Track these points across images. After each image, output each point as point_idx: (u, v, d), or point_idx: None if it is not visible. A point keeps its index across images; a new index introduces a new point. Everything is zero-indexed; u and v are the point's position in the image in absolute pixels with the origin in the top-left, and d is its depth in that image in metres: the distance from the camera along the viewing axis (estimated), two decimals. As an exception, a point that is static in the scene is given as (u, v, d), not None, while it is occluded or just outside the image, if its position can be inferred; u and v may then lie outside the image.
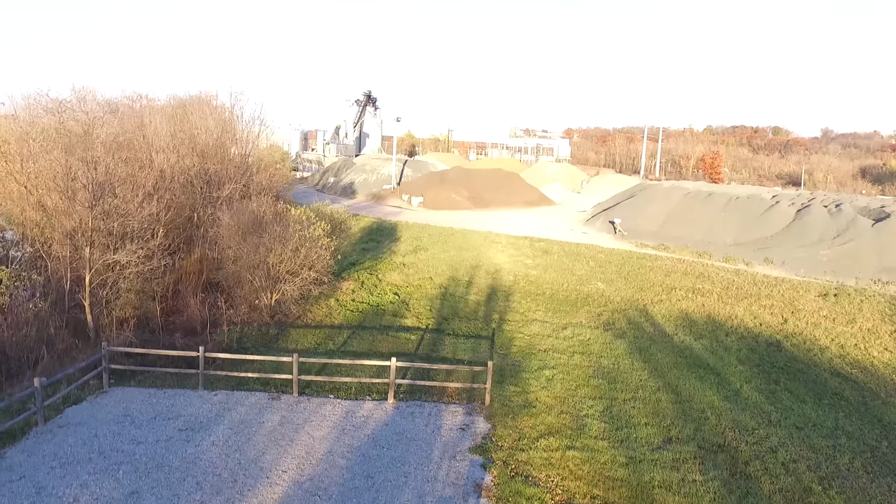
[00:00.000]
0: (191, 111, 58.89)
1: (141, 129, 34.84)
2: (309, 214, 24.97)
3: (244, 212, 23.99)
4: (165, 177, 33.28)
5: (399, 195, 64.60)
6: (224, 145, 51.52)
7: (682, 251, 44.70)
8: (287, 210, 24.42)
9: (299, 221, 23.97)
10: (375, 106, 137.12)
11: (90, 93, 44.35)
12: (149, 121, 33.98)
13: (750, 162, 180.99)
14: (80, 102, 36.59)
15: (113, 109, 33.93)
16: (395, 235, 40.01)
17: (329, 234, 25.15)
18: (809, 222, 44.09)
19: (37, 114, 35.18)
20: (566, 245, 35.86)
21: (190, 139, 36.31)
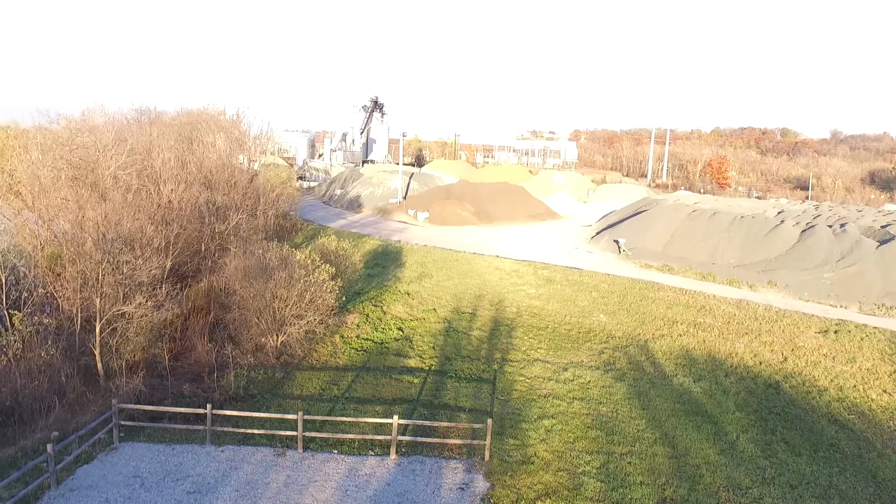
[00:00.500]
0: (199, 128, 59.58)
1: (149, 157, 35.35)
2: (314, 258, 25.38)
3: (251, 257, 24.45)
4: (174, 206, 33.89)
5: (405, 210, 65.02)
6: (232, 166, 52.16)
7: (686, 272, 44.97)
8: (292, 254, 24.85)
9: (304, 266, 24.42)
10: (382, 112, 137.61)
11: (100, 108, 45.01)
12: (157, 151, 34.36)
13: (758, 165, 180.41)
14: (90, 132, 37.21)
15: (121, 137, 34.37)
16: (401, 260, 40.41)
17: (334, 276, 25.56)
18: (814, 244, 44.16)
19: (46, 144, 35.82)
20: (569, 273, 36.15)
21: (198, 166, 36.78)
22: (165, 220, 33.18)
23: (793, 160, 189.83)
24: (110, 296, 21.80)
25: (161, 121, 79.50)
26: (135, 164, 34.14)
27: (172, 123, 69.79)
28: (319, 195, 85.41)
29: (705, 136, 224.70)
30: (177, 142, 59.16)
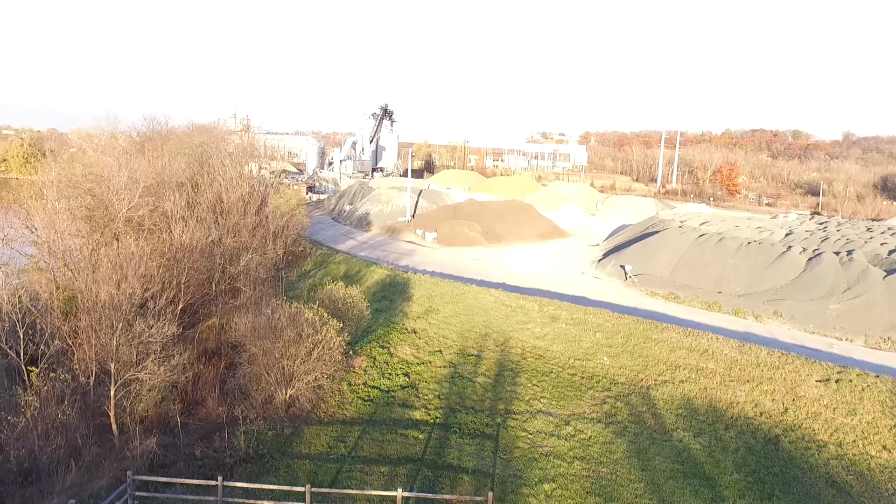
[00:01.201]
0: (209, 151, 60.31)
1: (160, 197, 36.04)
2: (322, 314, 25.95)
3: (260, 316, 25.07)
4: (185, 247, 34.56)
5: (413, 229, 65.55)
6: (241, 188, 52.82)
7: (691, 301, 45.25)
8: (300, 312, 25.43)
9: (312, 325, 25.00)
10: (392, 119, 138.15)
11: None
12: (169, 191, 35.06)
13: (768, 169, 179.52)
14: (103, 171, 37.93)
15: (133, 176, 35.07)
16: (408, 293, 40.94)
17: (341, 328, 26.12)
18: (820, 273, 44.26)
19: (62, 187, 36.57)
20: (574, 311, 36.52)
21: (210, 202, 37.39)
22: (176, 259, 33.91)
23: (804, 164, 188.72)
24: (125, 360, 22.46)
25: (173, 137, 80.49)
26: (146, 204, 34.83)
27: (183, 144, 70.66)
28: (329, 209, 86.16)
29: (716, 139, 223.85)
30: (188, 165, 60.06)
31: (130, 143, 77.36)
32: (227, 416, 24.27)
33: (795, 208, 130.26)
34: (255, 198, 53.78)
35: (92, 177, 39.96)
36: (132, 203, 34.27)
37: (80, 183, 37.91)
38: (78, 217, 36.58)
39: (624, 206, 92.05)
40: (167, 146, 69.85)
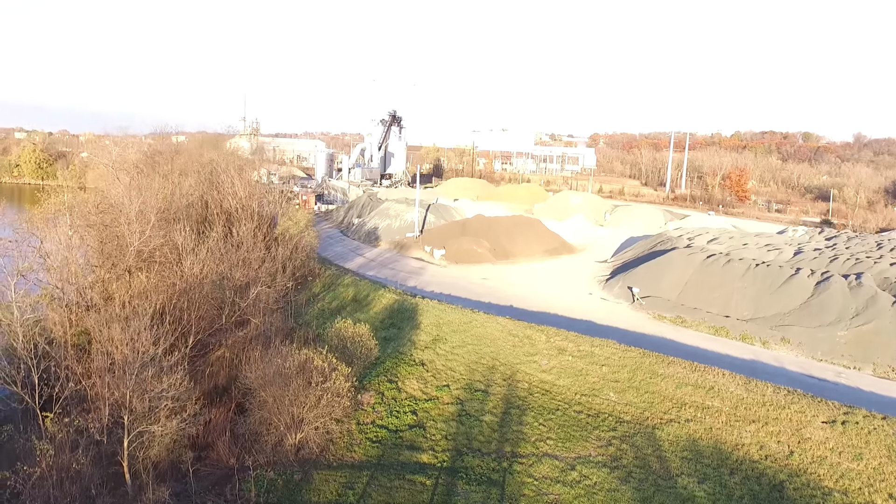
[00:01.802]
0: (218, 169, 60.79)
1: (170, 230, 36.47)
2: (331, 360, 26.29)
3: (270, 364, 25.44)
4: (195, 279, 34.99)
5: (422, 246, 65.83)
6: (251, 209, 53.25)
7: (699, 326, 45.33)
8: (310, 359, 25.77)
9: (322, 373, 25.34)
10: (400, 125, 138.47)
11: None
12: (179, 223, 35.47)
13: (778, 172, 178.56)
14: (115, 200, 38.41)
15: (144, 214, 35.51)
16: (416, 320, 41.22)
17: (349, 375, 26.45)
18: (828, 299, 44.21)
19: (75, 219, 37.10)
20: (581, 342, 36.68)
21: (219, 236, 37.80)
22: (187, 291, 34.37)
23: (814, 167, 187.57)
24: (138, 413, 22.87)
25: (183, 150, 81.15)
26: (158, 237, 35.30)
27: (193, 160, 71.27)
28: (337, 221, 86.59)
29: (725, 141, 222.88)
30: (197, 183, 60.62)
31: (141, 156, 78.13)
32: (237, 462, 24.66)
33: (805, 215, 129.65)
34: (264, 220, 54.33)
35: (104, 206, 40.54)
36: (144, 236, 34.71)
37: (93, 213, 38.42)
38: (90, 245, 37.10)
39: (632, 216, 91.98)
40: (177, 162, 70.58)
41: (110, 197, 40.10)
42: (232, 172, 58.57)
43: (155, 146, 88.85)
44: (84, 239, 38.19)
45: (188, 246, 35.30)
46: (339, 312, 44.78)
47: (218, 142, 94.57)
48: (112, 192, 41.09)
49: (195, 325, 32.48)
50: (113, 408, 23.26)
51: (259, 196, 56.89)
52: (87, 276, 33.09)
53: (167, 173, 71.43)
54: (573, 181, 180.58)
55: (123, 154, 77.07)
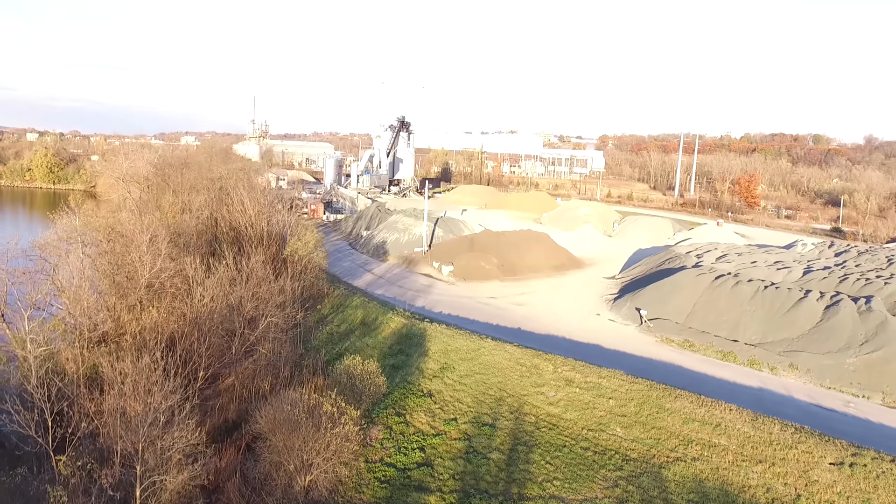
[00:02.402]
0: (228, 184, 61.11)
1: (181, 260, 36.78)
2: (339, 404, 26.54)
3: (280, 410, 25.71)
4: (205, 308, 35.34)
5: (430, 261, 66.03)
6: (261, 228, 53.59)
7: (706, 350, 45.31)
8: (319, 404, 26.02)
9: (331, 418, 25.60)
10: (409, 131, 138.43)
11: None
12: (189, 263, 35.81)
13: (788, 176, 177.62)
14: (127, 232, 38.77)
15: (155, 247, 35.85)
16: (424, 346, 41.44)
17: (357, 421, 26.69)
18: (837, 324, 44.07)
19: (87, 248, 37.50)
20: (588, 373, 36.76)
21: (229, 273, 38.05)
22: (197, 322, 34.72)
23: (825, 170, 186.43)
24: (150, 465, 23.20)
25: (193, 164, 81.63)
26: (168, 269, 35.66)
27: (203, 175, 71.71)
28: (346, 232, 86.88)
29: (735, 143, 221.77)
30: (207, 200, 61.06)
31: (151, 168, 78.67)
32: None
33: (815, 222, 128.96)
34: (273, 239, 54.68)
35: (115, 233, 40.97)
36: (154, 268, 35.07)
37: (104, 241, 38.83)
38: (101, 271, 37.48)
39: (641, 226, 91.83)
40: (186, 176, 71.05)
41: (120, 224, 40.45)
42: (241, 190, 58.96)
43: (165, 158, 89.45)
44: (96, 264, 38.64)
45: (198, 277, 35.62)
46: (347, 337, 45.13)
47: (227, 152, 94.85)
48: (122, 218, 41.37)
49: (205, 358, 32.83)
50: (125, 457, 23.60)
51: (268, 213, 57.23)
52: (100, 308, 33.45)
53: (177, 187, 72.02)
54: (582, 185, 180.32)
55: (134, 167, 77.62)
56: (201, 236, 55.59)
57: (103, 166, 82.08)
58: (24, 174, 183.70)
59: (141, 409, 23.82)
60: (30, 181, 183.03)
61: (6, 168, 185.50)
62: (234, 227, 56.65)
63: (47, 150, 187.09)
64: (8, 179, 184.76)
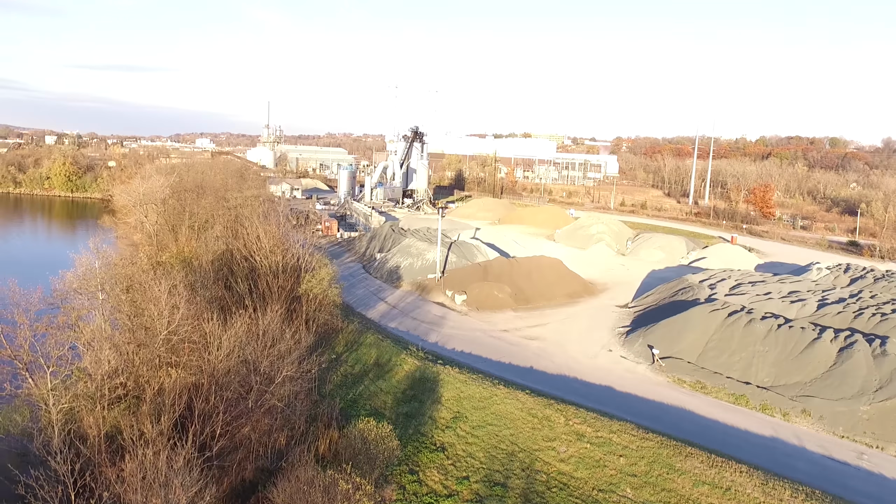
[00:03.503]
0: (243, 215, 61.79)
1: (198, 323, 37.41)
2: (354, 479, 27.03)
3: (297, 489, 26.25)
4: (221, 364, 36.03)
5: (443, 289, 66.48)
6: (276, 262, 54.27)
7: (718, 392, 45.36)
8: (334, 483, 26.50)
9: (347, 496, 26.08)
10: (423, 141, 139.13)
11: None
12: (207, 319, 36.47)
13: (804, 182, 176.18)
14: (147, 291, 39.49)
15: (174, 304, 36.51)
16: (437, 392, 41.93)
17: (371, 496, 27.17)
18: (851, 368, 43.98)
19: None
20: (600, 426, 37.04)
21: (246, 325, 38.60)
22: (214, 377, 35.41)
23: (841, 175, 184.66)
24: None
25: (209, 187, 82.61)
26: (185, 324, 36.35)
27: (219, 205, 72.58)
28: (360, 253, 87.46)
29: (750, 147, 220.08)
30: (223, 231, 61.90)
31: (168, 191, 79.69)
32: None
33: (831, 233, 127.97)
34: (289, 273, 55.35)
35: (135, 283, 41.78)
36: (172, 324, 35.80)
37: (122, 294, 39.62)
38: (121, 328, 38.24)
39: (654, 245, 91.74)
40: (202, 204, 71.97)
41: (139, 273, 41.26)
42: (256, 223, 59.69)
43: (181, 176, 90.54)
44: (116, 316, 39.46)
45: (215, 331, 36.24)
46: (361, 380, 45.74)
47: (243, 173, 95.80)
48: (140, 260, 42.07)
49: (222, 415, 33.50)
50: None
51: (283, 247, 57.91)
52: (120, 366, 34.22)
53: (193, 212, 72.98)
54: (595, 191, 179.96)
55: (150, 189, 78.69)
56: (217, 271, 56.40)
57: (121, 191, 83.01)
58: (43, 182, 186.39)
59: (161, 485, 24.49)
60: (49, 189, 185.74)
61: (26, 176, 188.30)
62: (248, 259, 57.42)
63: (66, 158, 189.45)
64: (28, 188, 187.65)
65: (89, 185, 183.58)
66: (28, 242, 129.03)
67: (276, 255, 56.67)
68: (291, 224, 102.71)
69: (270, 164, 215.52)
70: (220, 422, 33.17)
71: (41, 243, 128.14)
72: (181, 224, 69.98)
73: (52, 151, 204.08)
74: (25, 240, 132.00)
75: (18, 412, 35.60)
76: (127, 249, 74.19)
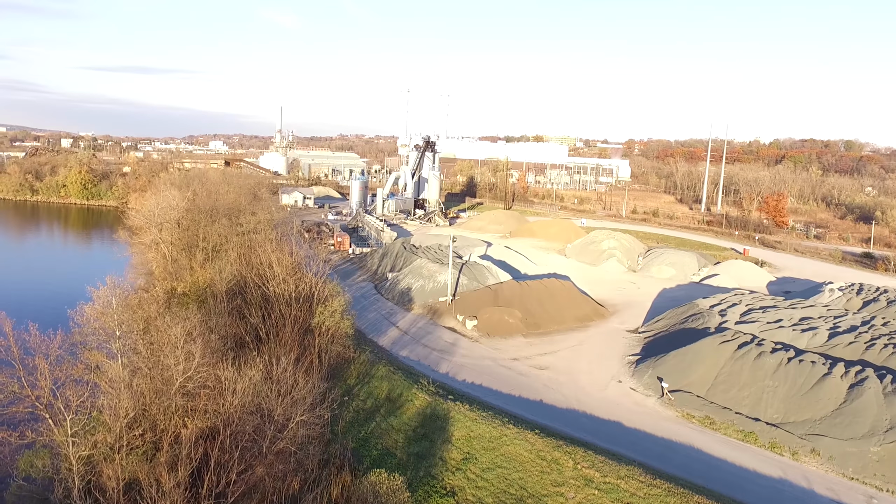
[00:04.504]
0: (256, 244, 62.56)
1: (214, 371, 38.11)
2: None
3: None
4: (237, 412, 36.76)
5: (454, 314, 66.99)
6: (290, 296, 54.97)
7: (727, 429, 45.55)
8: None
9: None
10: (434, 150, 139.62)
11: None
12: (222, 368, 37.20)
13: (818, 188, 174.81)
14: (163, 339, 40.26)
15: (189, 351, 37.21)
16: (448, 431, 42.44)
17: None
18: (861, 407, 44.02)
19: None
20: (608, 471, 37.38)
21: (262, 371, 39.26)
22: (228, 423, 36.12)
23: (856, 180, 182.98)
24: None
25: (222, 208, 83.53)
26: (201, 371, 37.08)
27: (233, 230, 73.42)
28: (371, 270, 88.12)
29: (764, 150, 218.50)
30: (236, 261, 62.71)
31: (183, 204, 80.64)
32: None
33: (845, 243, 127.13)
34: (302, 303, 56.05)
35: (150, 326, 42.64)
36: (188, 373, 36.54)
37: (141, 341, 40.45)
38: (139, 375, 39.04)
39: (665, 261, 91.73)
40: (216, 228, 72.87)
41: (155, 322, 42.08)
42: (268, 250, 60.47)
43: (195, 193, 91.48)
44: (133, 362, 40.31)
45: (230, 377, 36.93)
46: (373, 416, 46.32)
47: (255, 192, 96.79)
48: (158, 321, 42.81)
49: (237, 464, 34.20)
50: None
51: (297, 276, 58.63)
52: (138, 415, 35.02)
53: (207, 235, 73.92)
54: (607, 197, 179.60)
55: (165, 211, 79.67)
56: (231, 301, 57.23)
57: (136, 211, 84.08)
58: (59, 190, 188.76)
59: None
60: (65, 197, 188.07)
61: (42, 184, 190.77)
62: (260, 286, 58.23)
63: (81, 166, 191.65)
64: (44, 195, 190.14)
65: (104, 192, 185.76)
66: (45, 252, 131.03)
67: (289, 283, 57.41)
68: (304, 240, 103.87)
69: (283, 170, 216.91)
70: (235, 469, 33.89)
71: (59, 255, 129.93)
72: (195, 248, 70.95)
73: (69, 159, 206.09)
74: (43, 250, 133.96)
75: (39, 457, 36.44)
76: (143, 277, 75.35)
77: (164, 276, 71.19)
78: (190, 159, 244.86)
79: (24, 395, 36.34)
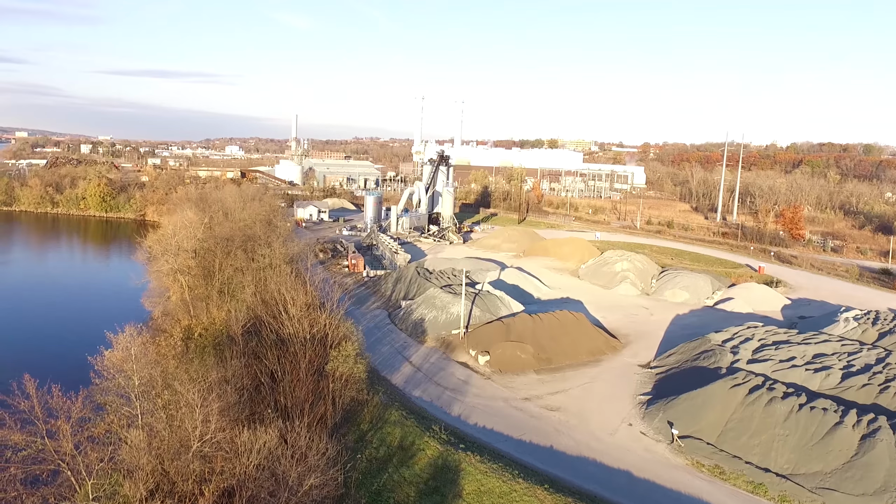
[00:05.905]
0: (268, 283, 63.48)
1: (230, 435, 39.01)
2: None
3: None
4: (252, 475, 37.65)
5: (467, 348, 67.61)
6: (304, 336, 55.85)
7: (737, 479, 45.77)
8: None
9: None
10: (448, 164, 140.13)
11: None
12: (238, 431, 38.09)
13: (836, 195, 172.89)
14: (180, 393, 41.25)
15: (207, 411, 38.14)
16: (458, 485, 43.09)
17: None
18: (873, 461, 44.01)
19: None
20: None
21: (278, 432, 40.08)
22: (243, 485, 37.04)
23: (875, 186, 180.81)
24: None
25: (237, 238, 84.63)
26: (217, 435, 38.00)
27: (248, 264, 74.46)
28: (385, 296, 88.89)
29: (781, 154, 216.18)
30: (252, 301, 63.77)
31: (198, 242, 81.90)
32: None
33: (863, 256, 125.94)
34: (317, 346, 56.95)
35: (169, 386, 43.71)
36: (205, 437, 37.48)
37: (159, 396, 41.52)
38: (157, 437, 40.07)
39: (679, 284, 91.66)
40: (231, 261, 73.92)
41: (173, 382, 43.08)
42: (283, 291, 61.42)
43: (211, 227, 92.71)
44: (150, 422, 41.36)
45: (246, 442, 37.80)
46: (385, 467, 47.09)
47: (270, 220, 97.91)
48: (175, 382, 43.75)
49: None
50: None
51: (311, 318, 59.52)
52: (156, 478, 36.05)
53: (223, 269, 75.07)
54: (622, 206, 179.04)
55: (182, 242, 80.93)
56: (247, 343, 58.30)
57: (155, 243, 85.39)
58: (78, 203, 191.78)
59: None
60: (84, 209, 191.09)
61: (63, 197, 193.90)
62: (275, 329, 59.27)
63: (100, 179, 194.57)
64: (64, 207, 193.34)
65: (123, 205, 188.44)
66: (66, 266, 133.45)
67: (303, 324, 58.35)
68: (319, 259, 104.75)
69: (298, 180, 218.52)
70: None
71: (78, 271, 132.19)
72: (212, 278, 72.19)
73: (88, 172, 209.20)
74: (64, 265, 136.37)
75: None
76: (160, 304, 76.77)
77: (181, 307, 72.48)
78: (206, 166, 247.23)
79: (48, 458, 37.57)
